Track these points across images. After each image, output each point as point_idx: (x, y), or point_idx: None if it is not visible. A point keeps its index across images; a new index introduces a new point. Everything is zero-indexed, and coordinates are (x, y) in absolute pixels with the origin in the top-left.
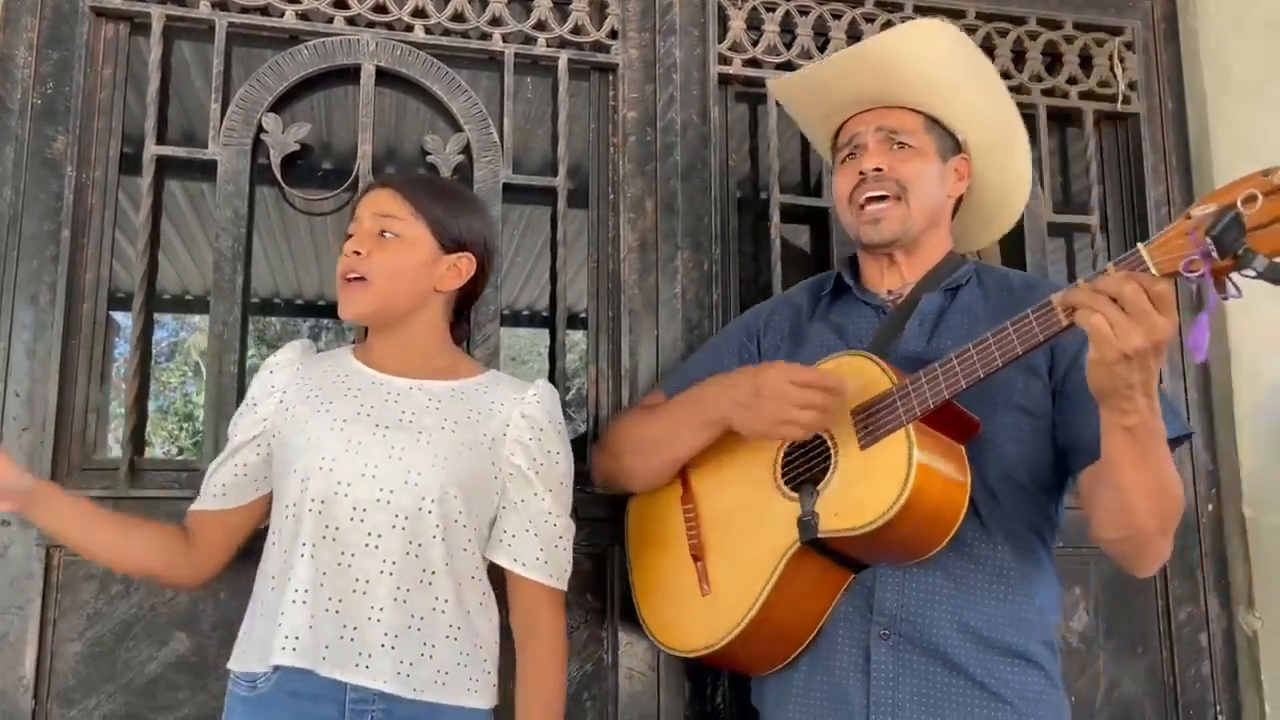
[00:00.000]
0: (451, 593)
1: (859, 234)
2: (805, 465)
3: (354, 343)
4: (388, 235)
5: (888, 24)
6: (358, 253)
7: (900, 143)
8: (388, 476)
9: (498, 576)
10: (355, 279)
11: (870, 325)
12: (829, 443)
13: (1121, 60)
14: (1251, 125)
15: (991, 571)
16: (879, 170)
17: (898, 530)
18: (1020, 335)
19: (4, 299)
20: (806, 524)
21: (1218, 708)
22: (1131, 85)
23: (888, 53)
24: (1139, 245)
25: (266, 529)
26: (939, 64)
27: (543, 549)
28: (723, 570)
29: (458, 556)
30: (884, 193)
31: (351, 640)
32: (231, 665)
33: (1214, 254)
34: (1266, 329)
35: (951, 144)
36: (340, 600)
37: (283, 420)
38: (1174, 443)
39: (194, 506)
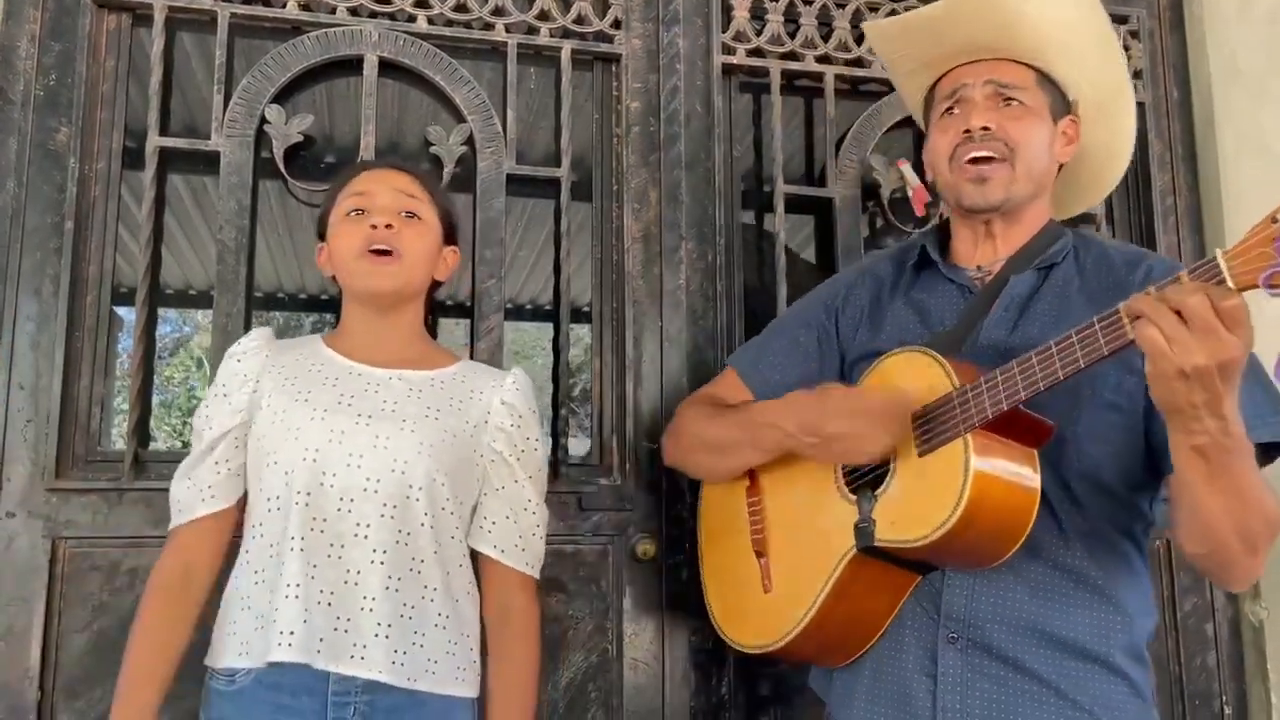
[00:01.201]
0: (440, 581)
1: (960, 195)
2: (866, 468)
3: (324, 332)
4: (411, 215)
5: (892, 13)
6: (390, 226)
7: (1010, 98)
8: (373, 465)
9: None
10: (385, 252)
11: (954, 306)
12: None
13: (1127, 49)
14: (1256, 116)
15: (1069, 575)
16: (986, 129)
17: (958, 541)
18: (1083, 346)
19: (7, 291)
20: (863, 531)
21: (1223, 698)
22: (1137, 74)
23: (1017, 2)
24: (1216, 252)
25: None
26: (1061, 18)
27: (521, 536)
28: (783, 569)
29: (445, 545)
30: (990, 153)
31: (345, 632)
32: (209, 662)
33: None
34: (1274, 322)
35: (1062, 104)
36: (332, 592)
37: (257, 410)
38: (1273, 448)
39: (184, 519)
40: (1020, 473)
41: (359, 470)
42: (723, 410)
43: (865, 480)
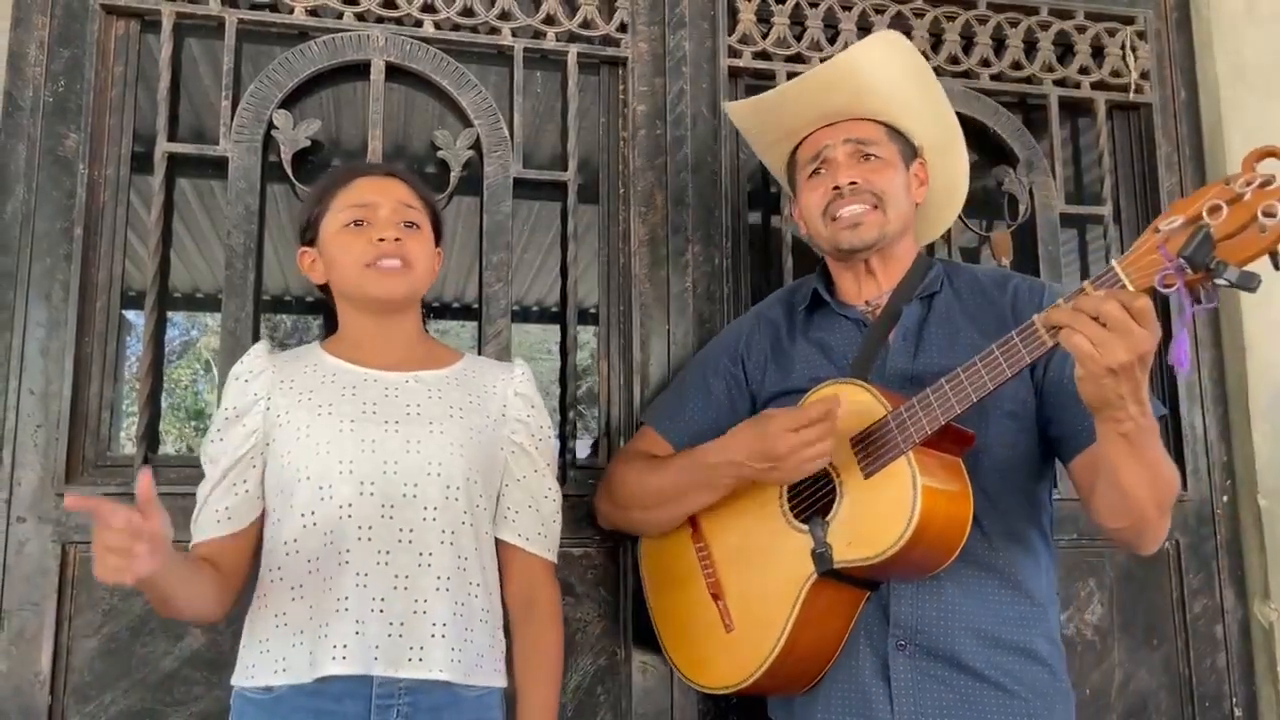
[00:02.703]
0: (481, 577)
1: (837, 241)
2: (811, 496)
3: (320, 340)
4: (410, 225)
5: (898, 15)
6: (398, 239)
7: (868, 154)
8: (410, 470)
9: None
10: (396, 264)
11: (852, 339)
12: (832, 472)
13: (1134, 50)
14: (1264, 113)
15: (994, 574)
16: (855, 184)
17: (910, 554)
18: (1007, 358)
19: (18, 296)
20: (821, 556)
21: (1233, 699)
22: (1144, 75)
23: (857, 69)
24: (1113, 262)
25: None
26: (899, 76)
27: (542, 524)
28: (743, 607)
29: (482, 540)
30: (861, 205)
31: (400, 637)
32: (239, 682)
33: (1187, 270)
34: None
35: (910, 150)
36: (383, 599)
37: (275, 428)
38: None
39: (200, 537)
40: (955, 480)
41: (396, 477)
42: (660, 461)
43: (814, 509)
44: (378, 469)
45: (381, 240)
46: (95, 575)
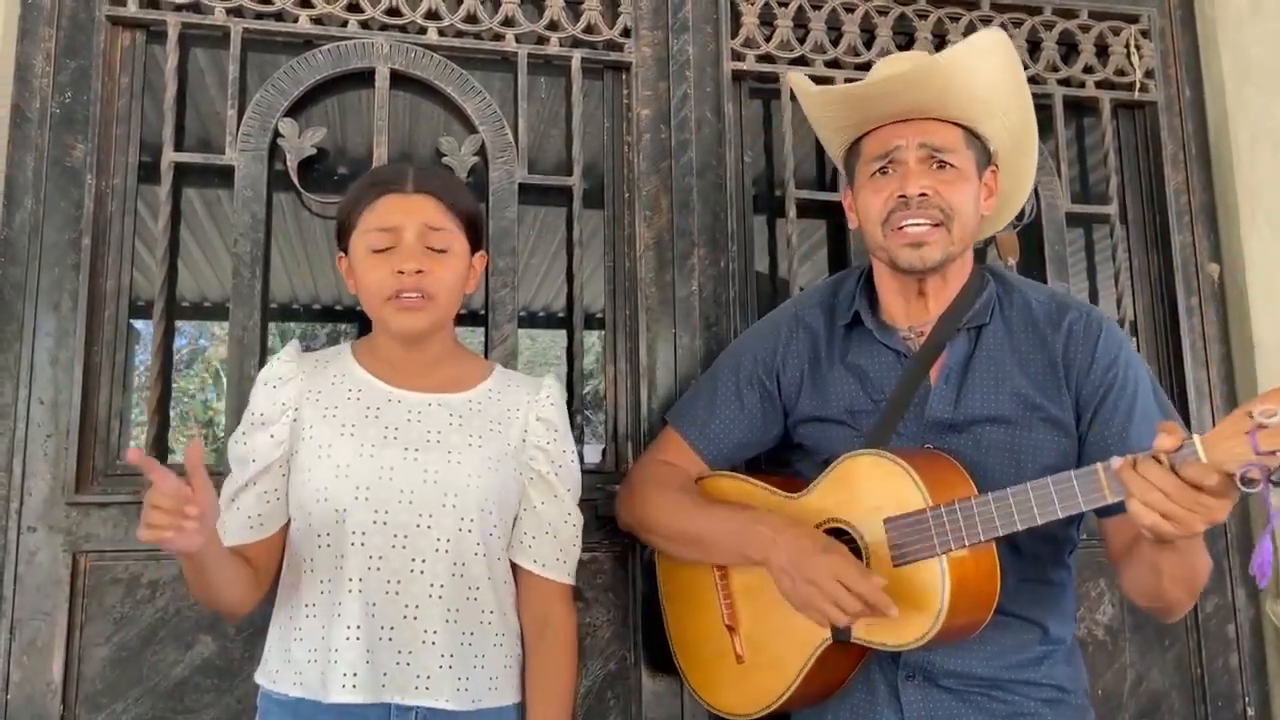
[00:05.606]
0: (494, 602)
1: (895, 257)
2: None
3: (349, 342)
4: (438, 249)
5: (901, 17)
6: (419, 271)
7: (942, 161)
8: (425, 501)
9: None
10: (416, 299)
11: (892, 372)
12: (862, 548)
13: (1138, 48)
14: (1270, 111)
15: (1013, 618)
16: (924, 195)
17: (927, 647)
18: (1061, 498)
19: (26, 307)
20: (840, 629)
21: (1246, 699)
22: (1148, 73)
23: (952, 71)
24: (1194, 439)
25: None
26: (988, 81)
27: (561, 549)
28: (756, 646)
29: (495, 566)
30: (928, 221)
31: (408, 665)
32: (263, 681)
33: (1273, 477)
34: None
35: (985, 156)
36: (393, 628)
37: (299, 441)
38: None
39: (231, 542)
40: (984, 571)
41: (411, 506)
42: (697, 505)
43: None
44: (393, 497)
45: (402, 273)
46: (137, 535)
